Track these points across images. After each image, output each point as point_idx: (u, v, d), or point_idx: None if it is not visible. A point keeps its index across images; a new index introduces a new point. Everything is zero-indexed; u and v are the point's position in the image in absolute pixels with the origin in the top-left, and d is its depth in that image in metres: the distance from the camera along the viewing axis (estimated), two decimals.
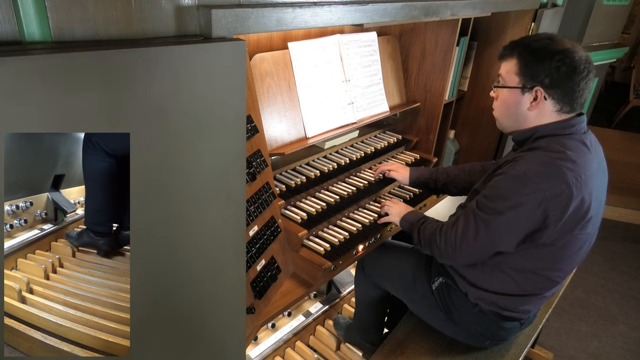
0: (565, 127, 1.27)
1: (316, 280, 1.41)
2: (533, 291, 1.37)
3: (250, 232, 1.25)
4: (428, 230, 1.43)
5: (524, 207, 1.18)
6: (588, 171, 1.21)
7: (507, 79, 1.33)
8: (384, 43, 2.04)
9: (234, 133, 0.93)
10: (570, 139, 1.25)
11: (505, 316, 1.43)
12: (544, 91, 1.26)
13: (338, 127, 1.81)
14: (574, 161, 1.19)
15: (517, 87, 1.30)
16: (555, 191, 1.16)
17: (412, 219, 1.53)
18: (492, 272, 1.38)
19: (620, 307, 2.81)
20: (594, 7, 2.72)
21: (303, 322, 2.09)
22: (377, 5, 1.23)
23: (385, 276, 1.69)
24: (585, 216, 1.23)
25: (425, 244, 1.44)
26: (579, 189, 1.18)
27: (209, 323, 1.04)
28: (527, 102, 1.29)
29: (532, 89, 1.27)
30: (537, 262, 1.31)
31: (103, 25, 0.76)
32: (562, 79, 1.23)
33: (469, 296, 1.44)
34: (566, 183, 1.16)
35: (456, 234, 1.32)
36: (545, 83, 1.25)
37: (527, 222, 1.21)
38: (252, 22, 0.93)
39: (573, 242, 1.27)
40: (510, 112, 1.34)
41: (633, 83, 5.86)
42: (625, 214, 3.74)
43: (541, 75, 1.25)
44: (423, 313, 1.61)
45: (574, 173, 1.17)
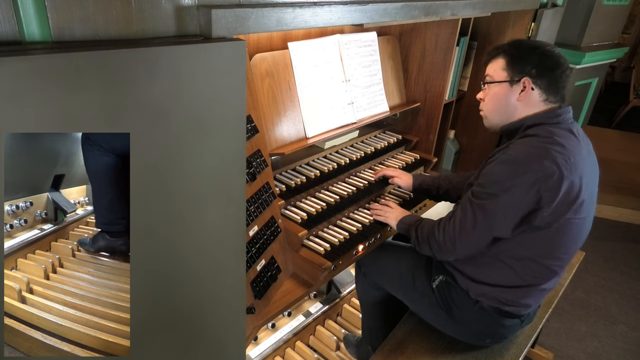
0: (552, 117, 1.34)
1: (316, 280, 1.41)
2: (532, 281, 1.39)
3: (250, 232, 1.25)
4: (426, 227, 1.46)
5: (517, 188, 1.23)
6: (577, 155, 1.26)
7: (494, 75, 1.43)
8: (384, 43, 2.04)
9: (234, 133, 0.93)
10: (557, 127, 1.32)
11: (506, 312, 1.44)
12: (531, 81, 1.35)
13: (338, 127, 1.81)
14: (562, 145, 1.25)
15: (505, 81, 1.40)
16: (547, 172, 1.21)
17: (409, 220, 1.56)
18: (491, 264, 1.39)
19: (620, 307, 2.81)
20: (594, 7, 2.73)
21: (303, 322, 2.09)
22: (377, 5, 1.23)
23: (385, 276, 1.69)
24: (577, 199, 1.27)
25: (423, 242, 1.46)
26: (569, 170, 1.23)
27: (209, 323, 1.04)
28: (515, 94, 1.38)
29: (520, 80, 1.37)
30: (535, 248, 1.33)
31: (103, 25, 0.76)
32: (547, 70, 1.34)
33: (470, 293, 1.45)
34: (556, 164, 1.21)
35: (454, 225, 1.36)
36: (532, 73, 1.35)
37: (522, 204, 1.24)
38: (252, 22, 0.93)
39: (568, 226, 1.30)
40: (500, 105, 1.42)
41: (633, 83, 5.86)
42: (625, 214, 3.74)
43: (528, 66, 1.35)
44: (423, 312, 1.61)
45: (562, 156, 1.23)
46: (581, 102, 3.25)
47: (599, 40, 3.01)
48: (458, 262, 1.47)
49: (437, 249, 1.41)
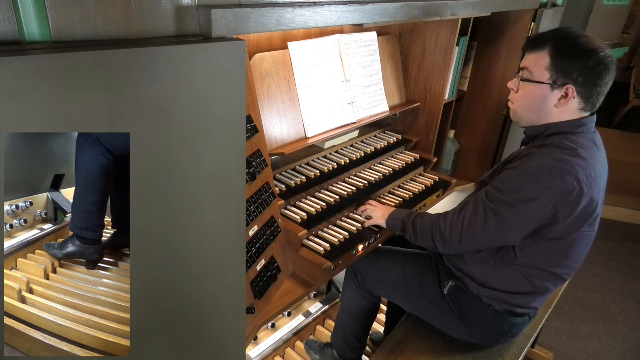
0: (578, 126, 1.27)
1: (316, 280, 1.41)
2: (542, 287, 1.38)
3: (250, 232, 1.25)
4: (427, 220, 1.42)
5: (536, 202, 1.19)
6: (597, 170, 1.22)
7: (535, 72, 1.28)
8: (384, 43, 2.04)
9: (234, 133, 0.93)
10: (581, 137, 1.25)
11: (518, 313, 1.45)
12: (575, 89, 1.23)
13: (338, 127, 1.81)
14: (585, 159, 1.20)
15: (547, 83, 1.26)
16: (568, 188, 1.17)
17: (400, 215, 1.53)
18: (502, 271, 1.38)
19: (620, 307, 2.81)
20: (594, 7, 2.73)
21: (303, 322, 2.09)
22: (377, 5, 1.23)
23: (387, 284, 1.64)
24: (593, 214, 1.25)
25: (424, 235, 1.42)
26: (589, 187, 1.19)
27: (209, 323, 1.04)
28: (554, 99, 1.26)
29: (564, 86, 1.24)
30: (548, 258, 1.32)
31: (103, 25, 0.76)
32: (595, 79, 1.21)
33: (482, 298, 1.44)
34: (578, 180, 1.17)
35: (463, 221, 1.32)
36: (578, 81, 1.22)
37: (537, 217, 1.21)
38: (252, 22, 0.93)
39: (582, 239, 1.29)
40: (534, 106, 1.31)
41: (633, 83, 5.85)
42: (625, 214, 3.74)
43: (576, 73, 1.21)
44: (433, 318, 1.58)
45: (585, 171, 1.18)
46: None
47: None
48: (468, 267, 1.45)
49: (441, 242, 1.38)
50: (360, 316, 1.76)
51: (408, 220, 1.48)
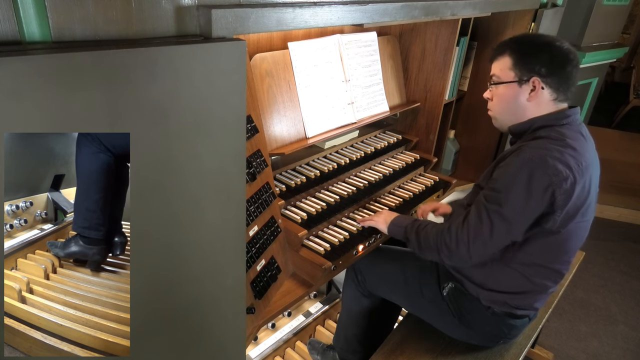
0: (561, 118, 1.32)
1: (316, 280, 1.41)
2: (542, 285, 1.39)
3: (250, 232, 1.25)
4: (431, 232, 1.39)
5: (532, 191, 1.21)
6: (587, 158, 1.26)
7: (501, 75, 1.38)
8: (384, 43, 2.04)
9: (234, 133, 0.93)
10: (567, 128, 1.30)
11: (517, 315, 1.44)
12: (541, 80, 1.31)
13: (338, 127, 1.81)
14: (574, 148, 1.24)
15: (514, 81, 1.34)
16: (561, 176, 1.20)
17: (404, 222, 1.49)
18: (501, 270, 1.38)
19: (620, 307, 2.81)
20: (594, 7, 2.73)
21: (303, 322, 2.09)
22: (377, 5, 1.23)
23: (387, 283, 1.64)
24: (585, 202, 1.27)
25: (429, 248, 1.39)
26: (580, 174, 1.22)
27: (209, 323, 1.04)
28: (525, 94, 1.34)
29: (530, 80, 1.32)
30: (546, 254, 1.33)
31: (103, 25, 0.76)
32: (557, 68, 1.29)
33: (481, 300, 1.44)
34: (569, 168, 1.20)
35: (468, 231, 1.30)
36: (541, 72, 1.30)
37: (536, 207, 1.23)
38: (252, 22, 0.93)
39: (576, 230, 1.31)
40: (509, 106, 1.38)
41: (633, 83, 5.86)
42: (625, 214, 3.74)
43: (537, 65, 1.30)
44: (432, 319, 1.58)
45: (575, 160, 1.22)
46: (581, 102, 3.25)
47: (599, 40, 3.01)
48: (466, 268, 1.44)
49: (448, 255, 1.34)
50: (360, 316, 1.76)
51: (411, 230, 1.44)
